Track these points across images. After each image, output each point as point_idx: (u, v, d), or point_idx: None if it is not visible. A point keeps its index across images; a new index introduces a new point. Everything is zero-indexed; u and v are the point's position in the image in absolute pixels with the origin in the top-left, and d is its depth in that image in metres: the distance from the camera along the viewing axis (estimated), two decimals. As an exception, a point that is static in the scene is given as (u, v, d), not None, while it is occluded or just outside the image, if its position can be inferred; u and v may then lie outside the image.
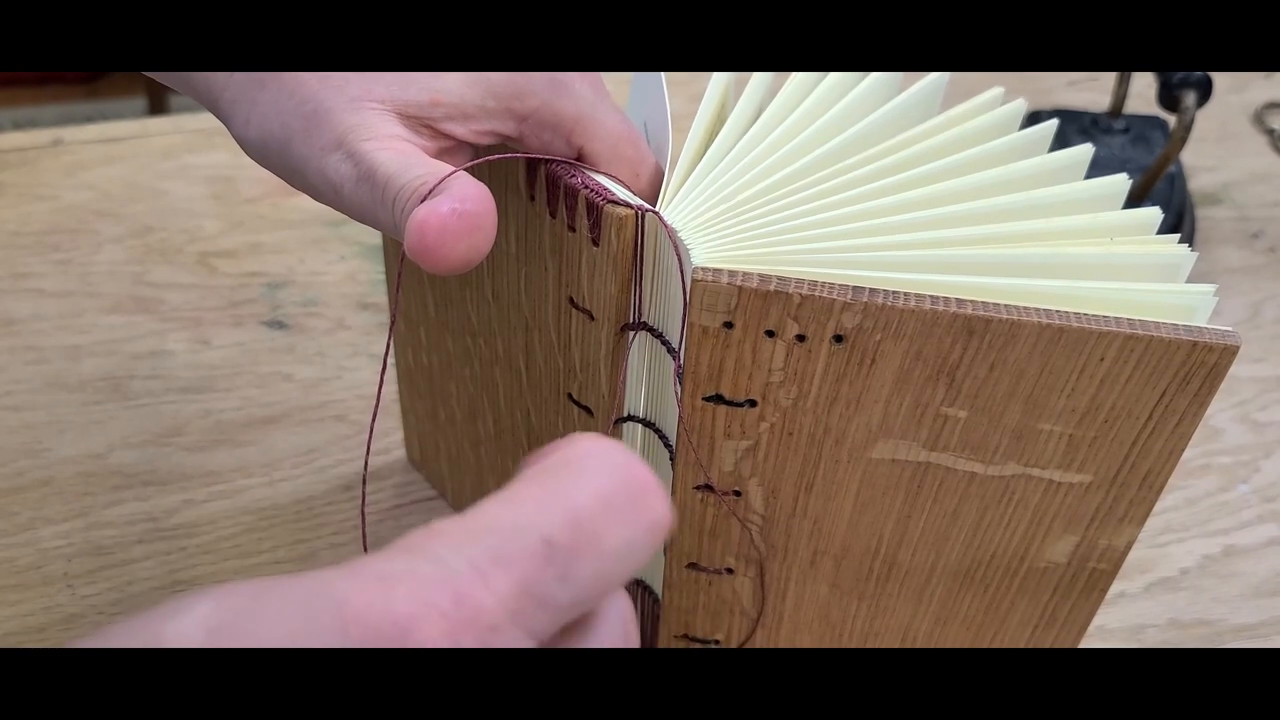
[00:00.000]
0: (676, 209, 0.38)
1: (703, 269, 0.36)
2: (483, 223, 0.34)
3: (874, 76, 0.44)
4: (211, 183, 0.75)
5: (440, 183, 0.34)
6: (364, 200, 0.36)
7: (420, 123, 0.37)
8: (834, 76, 0.44)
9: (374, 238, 0.72)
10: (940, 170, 0.41)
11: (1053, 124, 0.44)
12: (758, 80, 0.43)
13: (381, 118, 0.36)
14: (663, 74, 0.42)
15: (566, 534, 0.24)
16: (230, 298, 0.68)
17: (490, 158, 0.39)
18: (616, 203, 0.37)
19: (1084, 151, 0.43)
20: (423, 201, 0.34)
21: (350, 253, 0.71)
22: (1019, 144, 0.43)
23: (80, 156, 0.76)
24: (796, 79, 0.44)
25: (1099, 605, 0.44)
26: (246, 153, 0.38)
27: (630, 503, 0.25)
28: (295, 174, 0.37)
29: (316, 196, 0.37)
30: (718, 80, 0.42)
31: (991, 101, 0.45)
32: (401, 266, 0.45)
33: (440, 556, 0.23)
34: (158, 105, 1.57)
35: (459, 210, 0.34)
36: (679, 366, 0.38)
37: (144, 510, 0.57)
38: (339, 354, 0.65)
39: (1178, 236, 0.40)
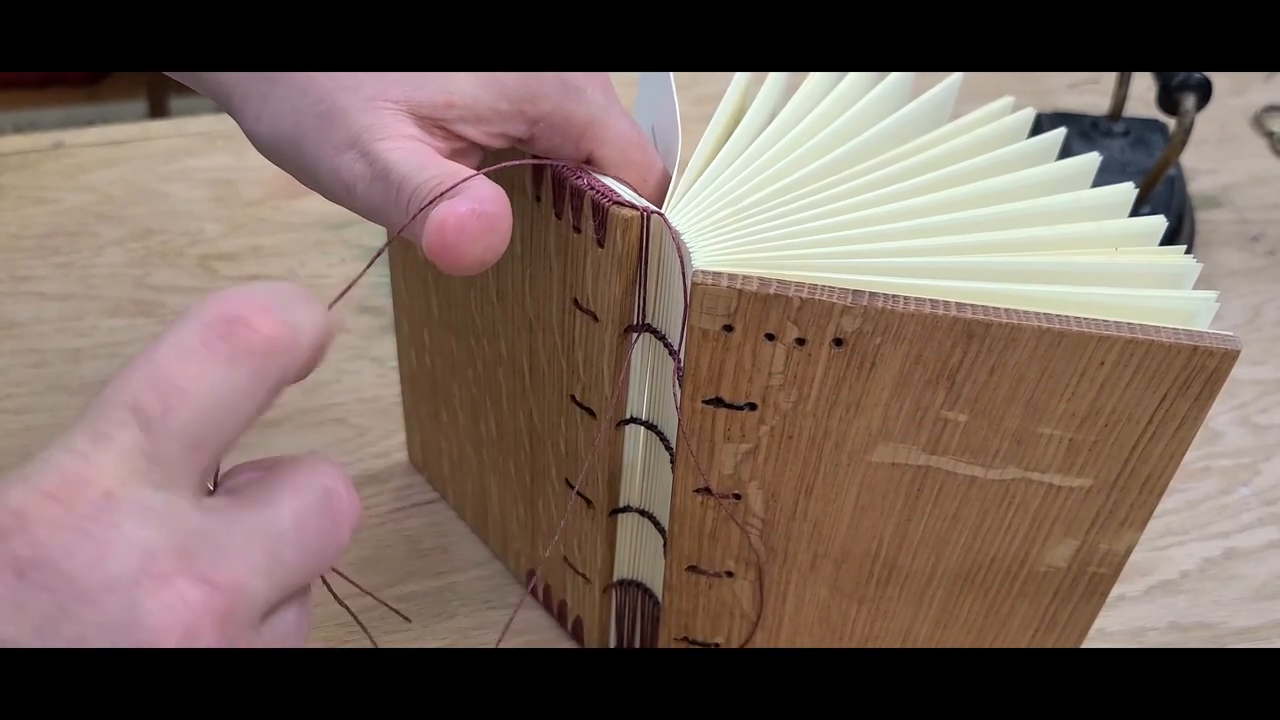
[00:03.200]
0: (682, 211, 0.38)
1: (702, 272, 0.36)
2: (499, 224, 0.35)
3: (886, 82, 0.44)
4: (212, 185, 0.75)
5: (456, 185, 0.35)
6: (377, 200, 0.36)
7: (434, 124, 0.37)
8: (848, 81, 0.44)
9: (375, 241, 0.72)
10: (946, 177, 0.41)
11: (1060, 133, 0.44)
12: (771, 83, 0.43)
13: (396, 118, 0.36)
14: (671, 75, 0.42)
15: (148, 394, 0.26)
16: (231, 300, 0.68)
17: (504, 165, 0.39)
18: (622, 204, 0.37)
19: (1090, 160, 0.43)
20: (440, 201, 0.34)
21: (351, 256, 0.71)
22: (1026, 152, 0.43)
23: (81, 159, 0.76)
24: (810, 83, 0.44)
25: (1099, 609, 0.44)
26: (257, 149, 0.38)
27: (209, 338, 0.26)
28: (306, 172, 0.37)
29: (327, 195, 0.37)
30: (738, 81, 0.42)
31: (1000, 110, 0.45)
32: (390, 254, 0.45)
33: (44, 457, 0.25)
34: (159, 108, 1.57)
35: (477, 210, 0.34)
36: (679, 369, 0.38)
37: (145, 513, 0.57)
38: (339, 357, 0.65)
39: (1184, 248, 0.40)
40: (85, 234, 0.71)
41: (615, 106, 0.39)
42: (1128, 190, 0.41)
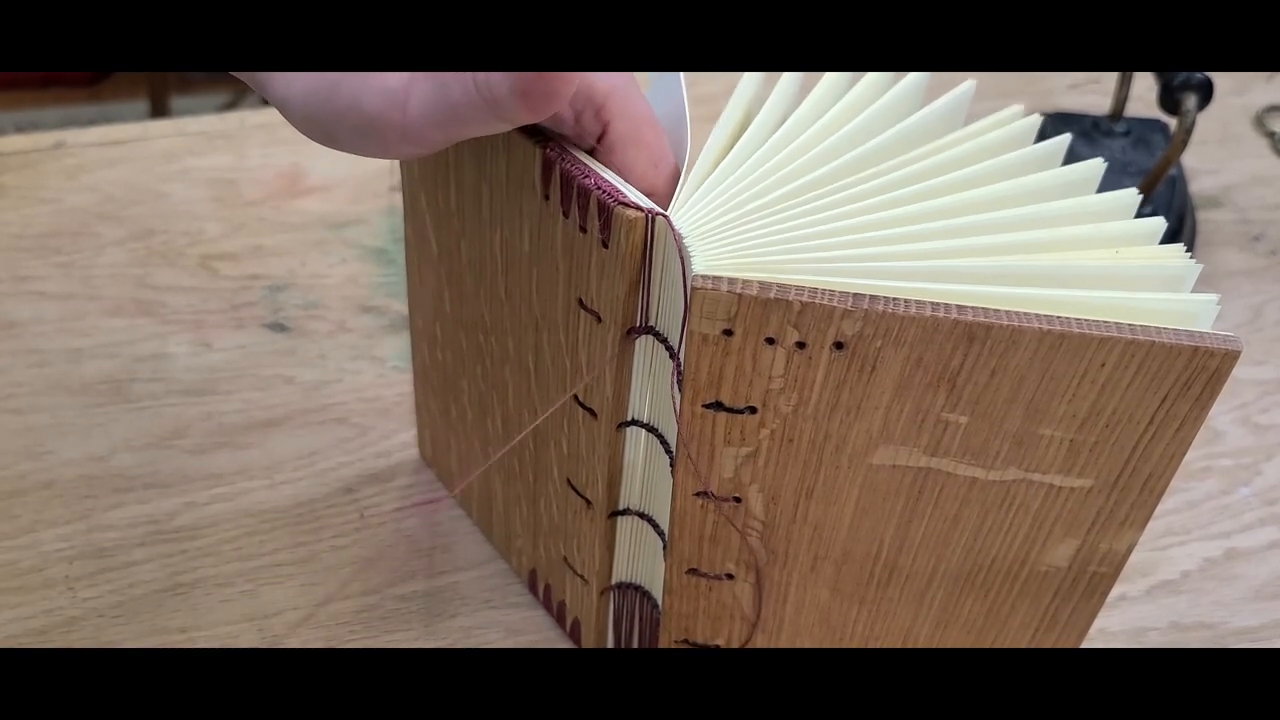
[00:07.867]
0: (687, 214, 0.38)
1: (702, 276, 0.36)
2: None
3: (899, 87, 0.44)
4: (213, 185, 0.75)
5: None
6: (434, 88, 0.35)
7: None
8: (864, 83, 0.44)
9: (375, 241, 0.72)
10: (950, 184, 0.41)
11: (1065, 139, 0.44)
12: (784, 84, 0.43)
13: None
14: (682, 75, 0.42)
15: None
16: (232, 300, 0.68)
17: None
18: (627, 205, 0.37)
19: (1095, 166, 0.43)
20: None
21: (351, 255, 0.71)
22: (1030, 158, 0.43)
23: (82, 159, 0.76)
24: (823, 85, 0.44)
25: (1100, 608, 0.44)
26: (287, 116, 0.38)
27: None
28: (347, 113, 0.36)
29: (371, 126, 0.36)
30: (748, 81, 0.42)
31: (1008, 117, 0.45)
32: (405, 247, 0.45)
33: None
34: (159, 108, 1.57)
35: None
36: (679, 373, 0.38)
37: (145, 513, 0.57)
38: (340, 356, 0.65)
39: (1182, 247, 0.40)
40: (86, 234, 0.71)
41: (634, 85, 0.39)
42: (1131, 195, 0.41)
